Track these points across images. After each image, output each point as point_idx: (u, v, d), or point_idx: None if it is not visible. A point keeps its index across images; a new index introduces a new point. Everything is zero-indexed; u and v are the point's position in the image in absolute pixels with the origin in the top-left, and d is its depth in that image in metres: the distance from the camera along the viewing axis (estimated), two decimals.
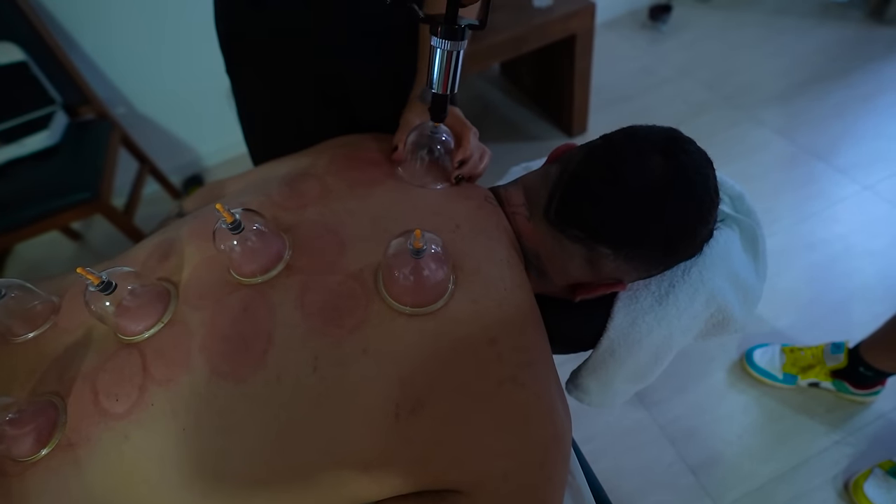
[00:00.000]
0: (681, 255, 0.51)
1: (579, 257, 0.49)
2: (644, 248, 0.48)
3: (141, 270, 0.46)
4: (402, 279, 0.40)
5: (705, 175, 0.47)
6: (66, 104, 1.45)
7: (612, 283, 0.50)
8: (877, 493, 0.94)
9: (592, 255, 0.48)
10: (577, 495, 0.49)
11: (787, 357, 1.13)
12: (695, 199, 0.47)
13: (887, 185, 1.48)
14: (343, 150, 0.57)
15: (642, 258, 0.48)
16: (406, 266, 0.39)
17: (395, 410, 0.38)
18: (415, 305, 0.41)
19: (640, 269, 0.49)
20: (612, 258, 0.48)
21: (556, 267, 0.50)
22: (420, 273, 0.40)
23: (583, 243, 0.48)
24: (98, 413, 0.39)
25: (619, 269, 0.49)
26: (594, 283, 0.51)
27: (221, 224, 0.41)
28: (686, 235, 0.48)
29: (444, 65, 0.45)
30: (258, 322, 0.41)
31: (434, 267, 0.40)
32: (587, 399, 0.60)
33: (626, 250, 0.47)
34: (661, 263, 0.50)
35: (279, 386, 0.38)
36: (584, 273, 0.50)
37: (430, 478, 0.39)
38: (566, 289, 0.53)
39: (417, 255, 0.39)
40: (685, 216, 0.47)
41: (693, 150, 0.48)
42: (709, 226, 0.50)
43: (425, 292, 0.41)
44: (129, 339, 0.42)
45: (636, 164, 0.47)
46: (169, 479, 0.38)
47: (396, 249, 0.41)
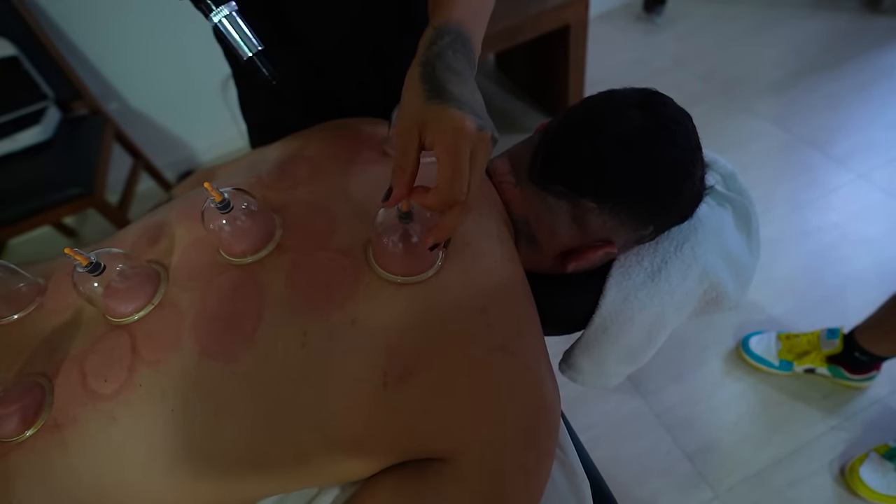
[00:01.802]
0: (668, 214, 0.50)
1: (565, 215, 0.49)
2: (627, 198, 0.47)
3: (130, 253, 0.46)
4: (390, 246, 0.40)
5: (685, 126, 0.49)
6: (59, 99, 1.44)
7: (602, 244, 0.50)
8: (872, 476, 0.95)
9: (578, 210, 0.48)
10: (569, 473, 0.49)
11: (783, 344, 1.13)
12: (675, 147, 0.47)
13: (882, 173, 1.48)
14: (334, 132, 0.57)
15: (628, 213, 0.48)
16: (395, 232, 0.39)
17: (383, 379, 0.38)
18: (404, 274, 0.41)
19: (627, 226, 0.49)
20: (598, 212, 0.48)
21: (544, 231, 0.50)
22: (408, 239, 0.39)
23: (567, 199, 0.48)
24: (85, 394, 0.39)
25: (606, 226, 0.48)
26: (583, 245, 0.50)
27: (210, 203, 0.40)
28: (670, 187, 0.48)
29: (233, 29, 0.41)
30: (248, 301, 0.40)
31: (422, 232, 0.40)
32: (580, 378, 0.60)
33: (610, 203, 0.47)
34: (649, 221, 0.50)
35: (268, 363, 0.38)
36: (572, 233, 0.50)
37: (416, 446, 0.39)
38: (557, 259, 0.52)
39: (405, 218, 0.39)
40: (666, 164, 0.47)
41: (670, 104, 0.49)
42: (694, 181, 0.50)
43: (414, 259, 0.41)
44: (119, 320, 0.42)
45: (614, 117, 0.48)
46: (157, 460, 0.38)
47: (384, 216, 0.40)
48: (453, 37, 0.39)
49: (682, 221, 0.53)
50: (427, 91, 0.36)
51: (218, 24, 0.41)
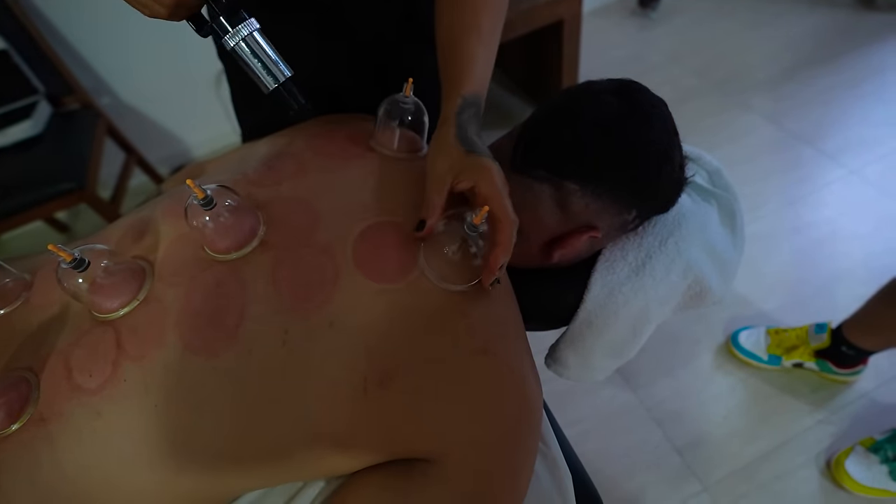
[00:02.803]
0: (649, 197, 0.51)
1: (549, 199, 0.49)
2: (608, 179, 0.48)
3: (116, 249, 0.46)
4: (450, 254, 0.42)
5: (661, 111, 0.50)
6: (50, 94, 1.43)
7: (586, 228, 0.50)
8: (857, 469, 0.96)
9: (561, 194, 0.49)
10: (552, 467, 0.50)
11: (772, 338, 1.14)
12: (652, 129, 0.49)
13: (873, 169, 1.49)
14: (323, 128, 0.57)
15: (610, 195, 0.49)
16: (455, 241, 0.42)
17: (363, 384, 0.38)
18: (456, 282, 0.42)
19: (610, 209, 0.49)
20: (580, 194, 0.48)
21: (530, 219, 0.50)
22: (468, 250, 0.41)
23: (550, 182, 0.49)
24: (71, 389, 0.39)
25: (589, 209, 0.49)
26: (568, 231, 0.50)
27: (193, 200, 0.40)
28: (649, 168, 0.49)
29: (255, 54, 0.36)
30: (231, 298, 0.41)
31: (484, 247, 0.42)
32: (566, 373, 0.60)
33: (592, 184, 0.48)
34: (632, 205, 0.50)
35: (249, 360, 0.39)
36: (556, 219, 0.50)
37: (401, 448, 0.40)
38: (543, 250, 0.53)
39: (474, 230, 0.41)
40: (644, 144, 0.48)
41: (646, 91, 0.50)
42: (673, 167, 0.50)
43: (468, 270, 0.42)
44: (104, 316, 0.42)
45: (592, 103, 0.49)
46: (141, 455, 0.38)
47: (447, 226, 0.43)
48: (476, 109, 0.47)
49: (664, 209, 0.54)
50: (464, 147, 0.44)
51: (236, 49, 0.35)
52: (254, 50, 0.36)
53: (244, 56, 0.36)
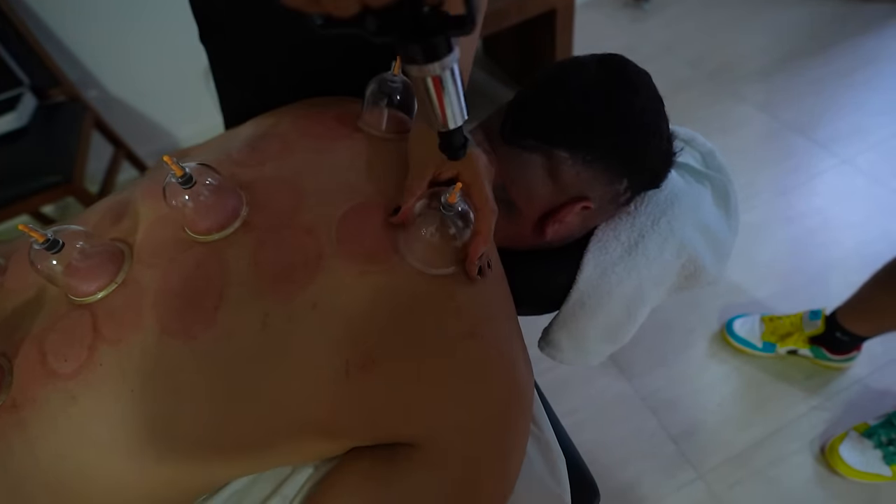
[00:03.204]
0: (639, 166, 0.50)
1: (540, 169, 0.49)
2: (598, 146, 0.48)
3: (94, 231, 0.45)
4: (427, 236, 0.40)
5: (646, 79, 0.50)
6: (35, 86, 1.40)
7: (578, 199, 0.49)
8: (851, 454, 0.96)
9: (552, 163, 0.48)
10: (545, 450, 0.49)
11: (766, 326, 1.14)
12: (638, 95, 0.49)
13: (865, 158, 1.49)
14: (309, 109, 0.56)
15: (601, 163, 0.48)
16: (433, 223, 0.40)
17: (346, 367, 0.37)
18: (433, 266, 0.41)
19: (601, 179, 0.49)
20: (571, 163, 0.48)
21: (521, 192, 0.50)
22: (446, 231, 0.40)
23: (540, 152, 0.48)
24: (45, 374, 0.38)
25: (580, 179, 0.48)
26: (560, 204, 0.50)
27: (171, 178, 0.39)
28: (638, 134, 0.49)
29: (436, 95, 0.30)
30: (210, 279, 0.39)
31: (463, 228, 0.41)
32: (560, 356, 0.60)
33: (581, 151, 0.47)
34: (623, 174, 0.49)
35: (229, 343, 0.37)
36: (547, 190, 0.49)
37: (384, 433, 0.39)
38: (536, 226, 0.52)
39: (448, 210, 0.39)
40: (632, 111, 0.48)
41: (630, 63, 0.51)
42: (661, 137, 0.50)
43: (447, 252, 0.41)
44: (81, 300, 0.41)
45: (579, 73, 0.49)
46: (119, 442, 0.37)
47: (423, 207, 0.41)
48: None
49: (655, 182, 0.53)
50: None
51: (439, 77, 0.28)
52: (455, 82, 0.30)
53: (445, 85, 0.29)
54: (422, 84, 0.29)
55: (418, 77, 0.29)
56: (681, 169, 0.60)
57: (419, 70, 0.28)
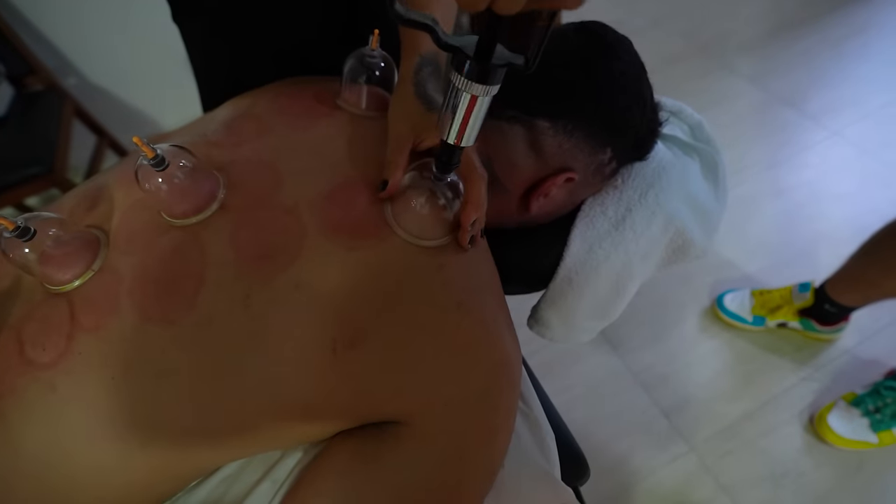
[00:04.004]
0: (622, 134, 0.49)
1: (522, 141, 0.48)
2: (579, 114, 0.47)
3: (69, 218, 0.44)
4: (417, 207, 0.40)
5: (627, 45, 0.49)
6: (11, 75, 1.37)
7: (562, 171, 0.49)
8: (839, 423, 0.98)
9: (533, 134, 0.48)
10: (534, 427, 0.49)
11: (756, 300, 1.15)
12: (620, 60, 0.48)
13: (855, 129, 1.49)
14: (288, 88, 0.54)
15: (582, 132, 0.47)
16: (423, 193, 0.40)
17: (332, 345, 0.37)
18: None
19: (584, 148, 0.48)
20: (552, 133, 0.47)
21: (504, 165, 0.49)
22: (436, 201, 0.40)
23: (521, 123, 0.48)
24: (23, 363, 0.37)
25: (562, 149, 0.48)
26: (544, 176, 0.49)
27: (143, 161, 0.38)
28: (619, 100, 0.48)
29: (465, 111, 0.31)
30: (189, 263, 0.39)
31: (453, 198, 0.41)
32: (549, 334, 0.60)
33: (562, 120, 0.47)
34: (606, 143, 0.49)
35: (210, 327, 0.37)
36: (530, 162, 0.49)
37: (371, 410, 0.39)
38: (521, 201, 0.51)
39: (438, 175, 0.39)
40: (612, 76, 0.47)
41: (610, 28, 0.49)
42: (644, 102, 0.49)
43: (439, 222, 0.41)
44: (57, 288, 0.40)
45: (557, 39, 0.48)
46: (101, 430, 0.37)
47: (413, 178, 0.40)
48: (434, 66, 0.45)
49: (640, 152, 0.52)
50: (423, 105, 0.42)
51: (477, 98, 0.30)
52: (485, 109, 0.32)
53: (478, 108, 0.31)
54: (457, 95, 0.31)
55: (458, 87, 0.30)
56: (668, 141, 0.60)
57: (464, 84, 0.30)
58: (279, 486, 0.44)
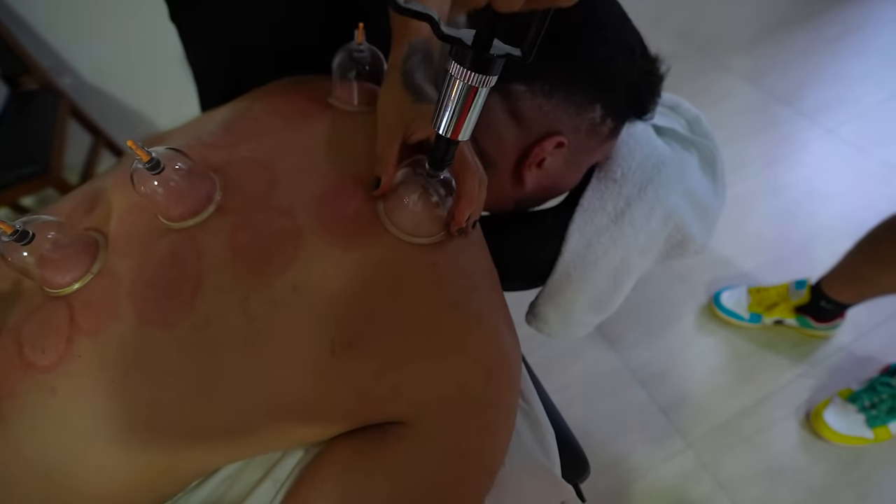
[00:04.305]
0: (610, 88, 0.47)
1: (501, 112, 0.47)
2: (553, 72, 0.45)
3: (67, 221, 0.44)
4: (410, 205, 0.40)
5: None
6: (5, 74, 1.36)
7: (550, 135, 0.47)
8: (835, 419, 0.98)
9: (511, 102, 0.46)
10: (534, 425, 0.49)
11: (753, 297, 1.15)
12: (598, 11, 0.45)
13: (849, 127, 1.50)
14: (283, 89, 0.54)
15: (561, 91, 0.46)
16: (415, 190, 0.40)
17: (331, 347, 0.37)
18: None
19: (567, 108, 0.46)
20: (530, 96, 0.46)
21: (489, 139, 0.48)
22: (428, 198, 0.39)
23: (498, 92, 0.47)
24: (23, 366, 0.37)
25: (544, 112, 0.46)
26: (530, 144, 0.48)
27: (138, 164, 0.38)
28: (599, 51, 0.45)
29: (462, 103, 0.31)
30: (186, 266, 0.39)
31: (445, 195, 0.40)
32: (547, 329, 0.59)
33: (538, 80, 0.45)
34: (593, 99, 0.47)
35: (209, 330, 0.37)
36: (515, 132, 0.47)
37: (371, 412, 0.39)
38: (514, 176, 0.50)
39: (432, 171, 0.38)
40: (588, 25, 0.45)
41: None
42: (632, 54, 0.46)
43: (431, 219, 0.40)
44: (57, 291, 0.40)
45: None
46: (101, 432, 0.37)
47: (406, 175, 0.40)
48: (424, 54, 0.43)
49: (638, 107, 0.50)
50: (412, 95, 0.40)
51: (479, 88, 0.30)
52: (483, 101, 0.32)
53: (476, 99, 0.31)
54: (455, 86, 0.30)
55: (456, 78, 0.30)
56: (667, 135, 0.60)
57: (463, 74, 0.30)
58: (280, 485, 0.44)
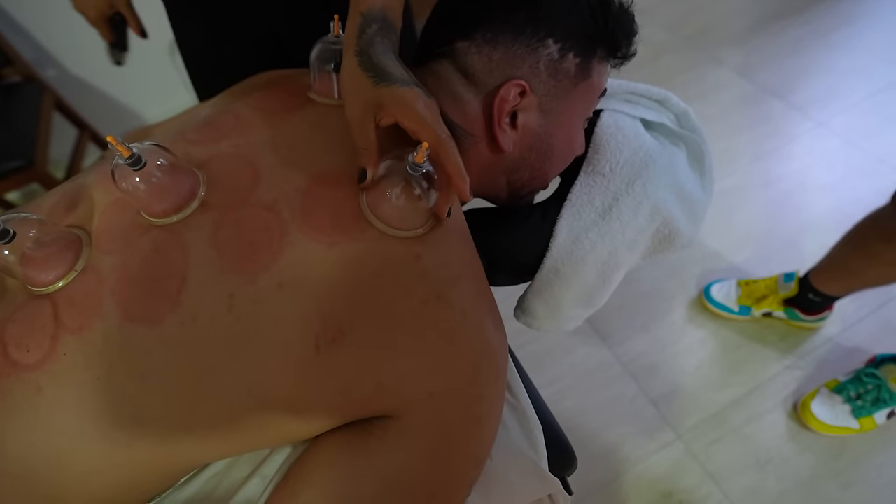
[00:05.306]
0: (557, 20, 0.46)
1: (455, 76, 0.47)
2: (488, 18, 0.45)
3: (48, 218, 0.43)
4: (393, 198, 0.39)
5: None
6: None
7: (508, 82, 0.45)
8: (822, 409, 1.00)
9: (459, 62, 0.47)
10: (521, 418, 0.50)
11: (742, 290, 1.16)
12: None
13: (840, 120, 1.51)
14: (264, 84, 0.54)
15: (506, 35, 0.45)
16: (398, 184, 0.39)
17: (315, 342, 0.36)
18: (403, 227, 0.40)
19: (516, 51, 0.45)
20: (475, 49, 0.46)
21: (453, 108, 0.47)
22: (411, 191, 0.39)
23: (445, 57, 0.47)
24: (7, 365, 0.37)
25: (493, 62, 0.46)
26: (491, 98, 0.46)
27: (119, 160, 0.37)
28: None
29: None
30: (170, 263, 0.38)
31: (428, 189, 0.40)
32: (536, 323, 0.60)
33: (478, 32, 0.45)
34: (541, 35, 0.45)
35: (194, 327, 0.37)
36: (472, 91, 0.47)
37: (357, 406, 0.39)
38: (490, 144, 0.48)
39: (416, 169, 0.38)
40: None
41: None
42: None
43: (416, 212, 0.40)
44: (40, 290, 0.39)
45: None
46: (88, 430, 0.36)
47: (390, 167, 0.39)
48: (380, 24, 0.42)
49: (600, 39, 0.48)
50: (372, 78, 0.39)
51: None
52: None
53: None
54: None
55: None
56: (655, 129, 0.60)
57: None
58: (269, 481, 0.44)
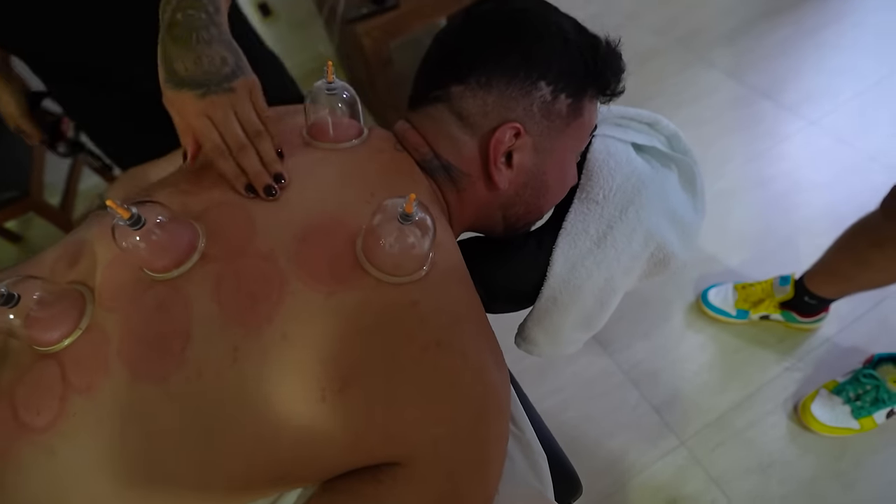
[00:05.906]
0: (545, 60, 0.47)
1: (450, 119, 0.49)
2: (481, 63, 0.47)
3: (49, 276, 0.44)
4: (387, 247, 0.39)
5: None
6: None
7: (503, 125, 0.47)
8: (822, 411, 1.01)
9: (455, 106, 0.48)
10: (526, 450, 0.50)
11: (739, 294, 1.17)
12: (510, 3, 0.49)
13: (831, 119, 1.52)
14: None
15: (499, 79, 0.47)
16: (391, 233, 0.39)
17: (321, 393, 0.37)
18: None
19: (511, 94, 0.47)
20: (470, 94, 0.47)
21: (448, 150, 0.49)
22: (405, 239, 0.39)
23: (440, 101, 0.49)
24: (18, 428, 0.37)
25: (489, 106, 0.47)
26: (487, 140, 0.48)
27: (119, 221, 0.38)
28: (523, 34, 0.47)
29: None
30: (174, 319, 0.39)
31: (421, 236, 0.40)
32: (536, 350, 0.60)
33: (472, 76, 0.47)
34: (534, 78, 0.47)
35: (200, 382, 0.37)
36: (467, 133, 0.49)
37: (364, 455, 0.39)
38: (486, 182, 0.50)
39: (406, 219, 0.39)
40: (501, 17, 0.48)
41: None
42: (558, 26, 0.48)
43: (408, 260, 0.40)
44: (46, 349, 0.40)
45: (454, 18, 0.52)
46: (104, 491, 0.37)
47: (383, 217, 0.40)
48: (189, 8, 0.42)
49: (591, 78, 0.50)
50: (164, 76, 0.41)
51: None
52: None
53: None
54: None
55: None
56: (646, 153, 0.60)
57: None
58: None
